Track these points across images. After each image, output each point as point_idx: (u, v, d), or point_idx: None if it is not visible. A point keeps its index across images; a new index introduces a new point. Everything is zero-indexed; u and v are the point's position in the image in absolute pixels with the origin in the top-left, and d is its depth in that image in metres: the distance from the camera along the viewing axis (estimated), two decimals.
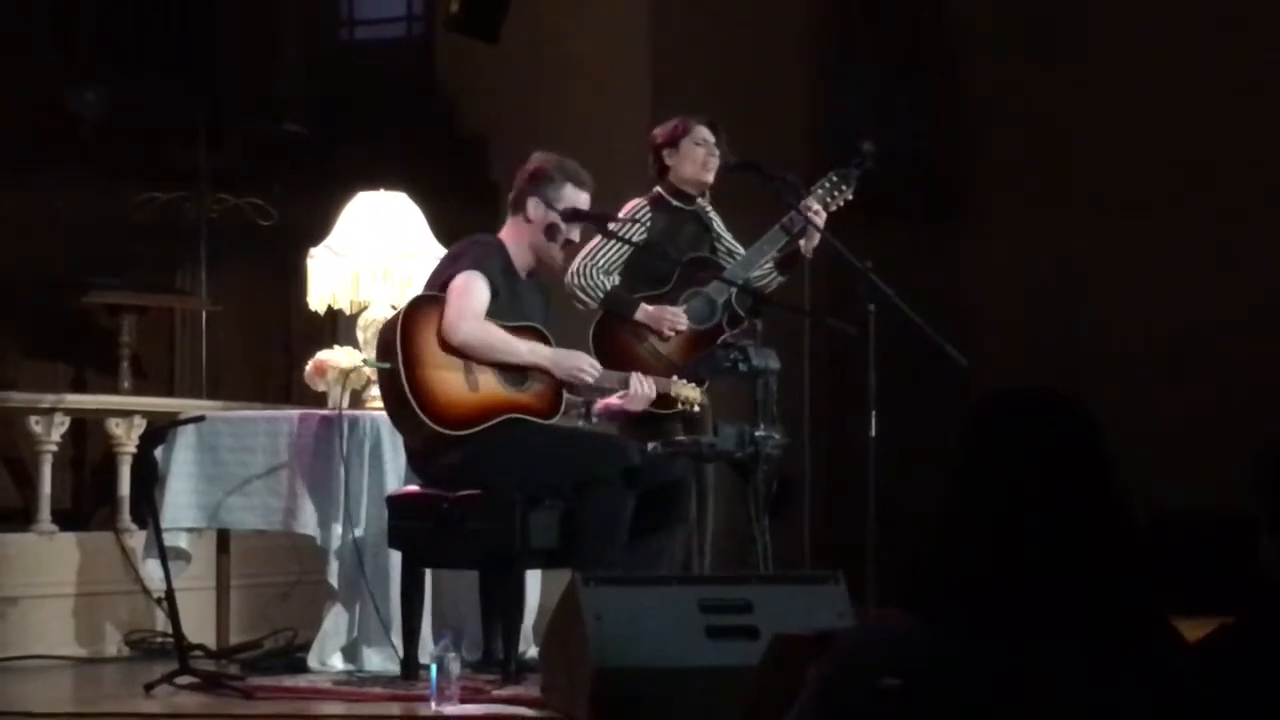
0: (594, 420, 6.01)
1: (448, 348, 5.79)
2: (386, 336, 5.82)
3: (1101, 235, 9.32)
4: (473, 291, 5.85)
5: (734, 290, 6.30)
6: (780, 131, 8.56)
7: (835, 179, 6.39)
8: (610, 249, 6.27)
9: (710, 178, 6.43)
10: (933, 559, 2.43)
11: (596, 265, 6.26)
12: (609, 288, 6.25)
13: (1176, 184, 9.15)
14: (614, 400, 5.90)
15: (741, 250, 6.45)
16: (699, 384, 6.01)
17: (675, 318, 6.30)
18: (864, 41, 10.03)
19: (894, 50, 10.07)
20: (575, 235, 6.03)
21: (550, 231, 5.95)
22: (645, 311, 6.30)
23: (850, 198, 6.39)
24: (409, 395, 5.70)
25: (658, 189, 6.44)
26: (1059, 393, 2.50)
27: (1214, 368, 8.94)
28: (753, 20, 9.43)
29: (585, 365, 5.85)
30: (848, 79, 9.95)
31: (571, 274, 6.24)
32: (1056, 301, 9.39)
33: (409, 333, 5.76)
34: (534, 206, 5.95)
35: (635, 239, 6.31)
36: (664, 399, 5.94)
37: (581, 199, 5.99)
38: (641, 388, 5.87)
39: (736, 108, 6.94)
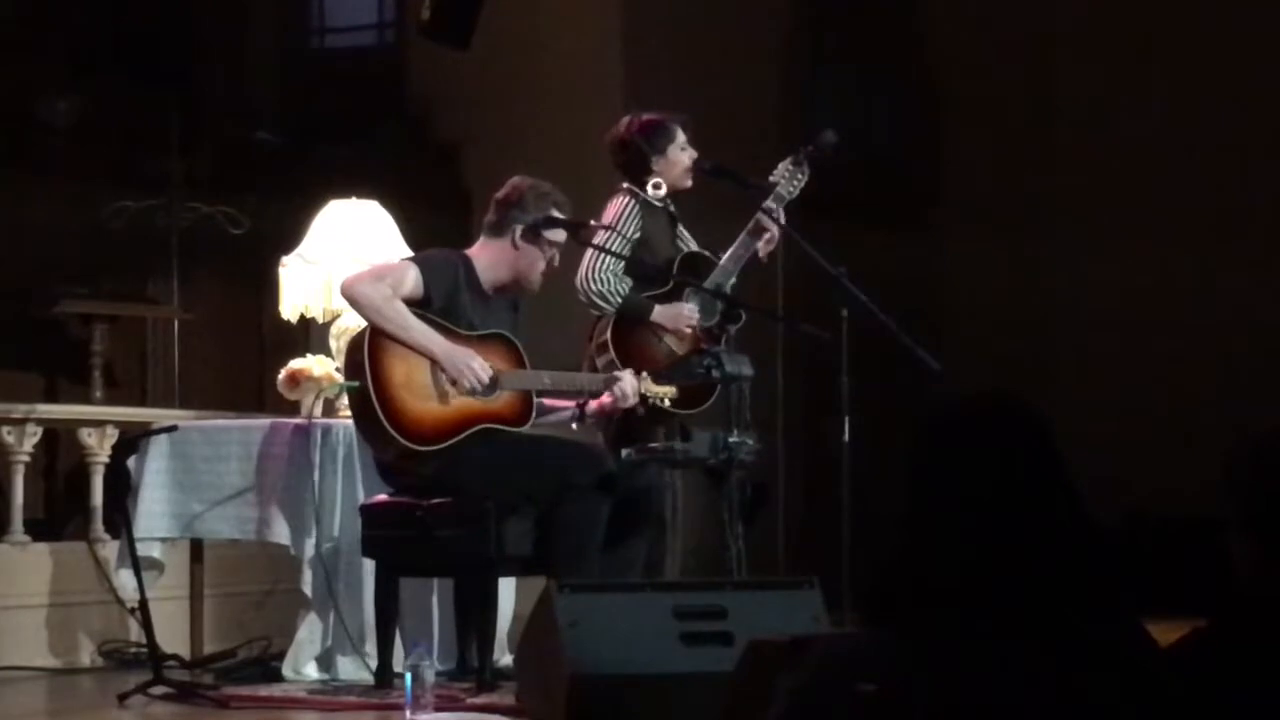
0: (588, 421, 6.00)
1: (346, 298, 5.85)
2: (354, 355, 5.80)
3: (1073, 238, 9.34)
4: (395, 267, 5.92)
5: (728, 285, 6.30)
6: (752, 136, 8.56)
7: (791, 166, 6.40)
8: (618, 250, 6.22)
9: (690, 184, 6.43)
10: (893, 571, 2.43)
11: (611, 271, 6.20)
12: (626, 292, 6.24)
13: (1148, 186, 9.18)
14: (605, 399, 5.90)
15: (696, 246, 6.43)
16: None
17: (690, 316, 6.29)
18: (836, 46, 10.05)
19: (866, 55, 10.08)
20: (556, 259, 6.02)
21: (536, 253, 5.95)
22: (660, 312, 6.27)
23: (804, 180, 6.38)
24: (379, 413, 5.69)
25: (631, 186, 6.39)
26: (1008, 394, 2.51)
27: (1185, 369, 8.97)
28: (725, 25, 9.44)
29: (475, 365, 5.79)
30: (820, 83, 9.96)
31: (585, 282, 6.17)
32: (1028, 304, 9.42)
33: (376, 350, 5.75)
34: (520, 231, 5.94)
35: (634, 238, 6.29)
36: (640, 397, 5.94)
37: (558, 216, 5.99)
38: (627, 386, 5.86)
39: (709, 112, 6.94)
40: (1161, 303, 9.06)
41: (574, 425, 6.04)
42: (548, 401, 5.99)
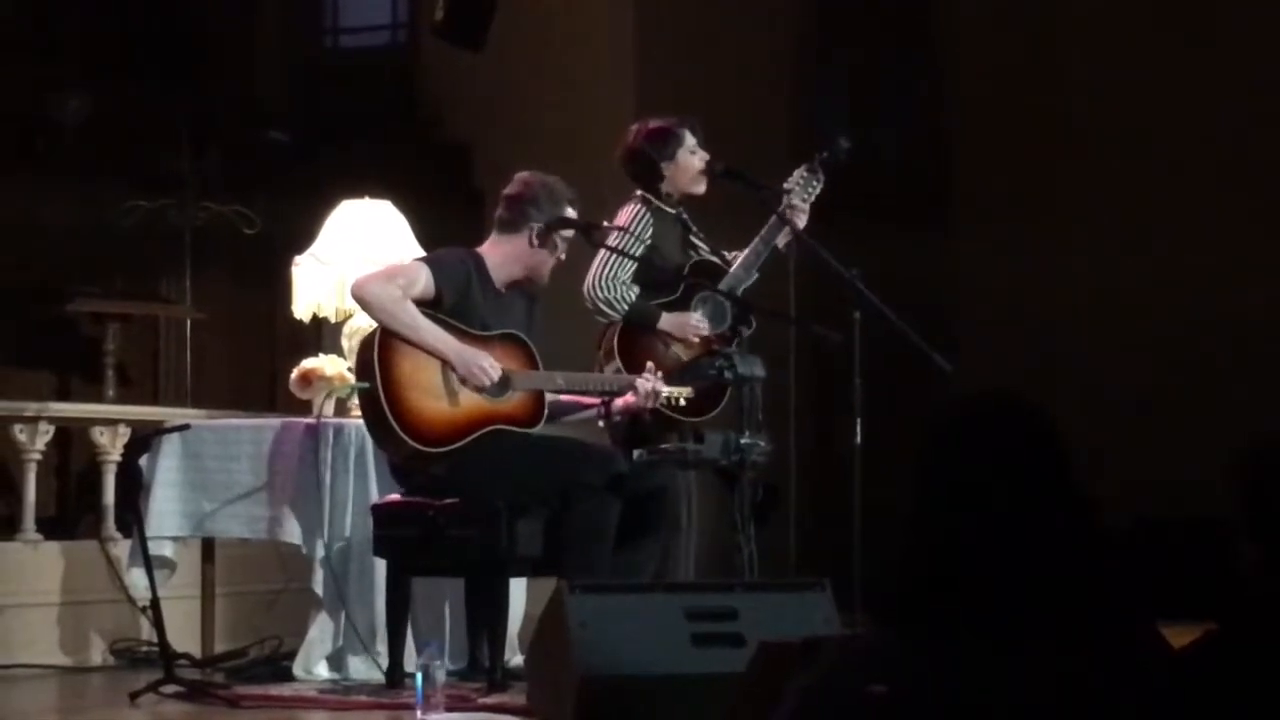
0: (615, 419, 6.01)
1: (355, 299, 5.88)
2: (364, 356, 5.81)
3: (1084, 239, 9.34)
4: (406, 268, 5.93)
5: (740, 292, 6.29)
6: (764, 138, 8.57)
7: (806, 174, 6.40)
8: (625, 260, 6.22)
9: (703, 188, 6.43)
10: (901, 572, 2.44)
11: (618, 279, 6.20)
12: (633, 299, 6.24)
13: (1159, 188, 9.17)
14: (630, 398, 5.90)
15: (707, 251, 6.43)
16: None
17: (698, 325, 6.29)
18: (846, 48, 10.04)
19: (878, 55, 10.08)
20: (564, 254, 6.04)
21: (549, 250, 5.97)
22: (669, 320, 6.27)
23: (819, 188, 6.38)
24: (389, 414, 5.69)
25: (644, 193, 6.40)
26: (1013, 395, 2.51)
27: (1194, 372, 8.96)
28: (737, 26, 9.44)
29: (486, 365, 5.80)
30: (832, 84, 9.96)
31: (593, 289, 6.17)
32: (1040, 305, 9.41)
33: (386, 351, 5.76)
34: (537, 228, 5.95)
35: (645, 243, 6.29)
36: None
37: (571, 215, 6.01)
38: (646, 385, 5.87)
39: (720, 113, 6.94)
40: (1173, 304, 9.05)
41: (600, 424, 6.05)
42: (569, 399, 6.00)
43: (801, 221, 6.34)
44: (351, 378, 6.24)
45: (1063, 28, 9.57)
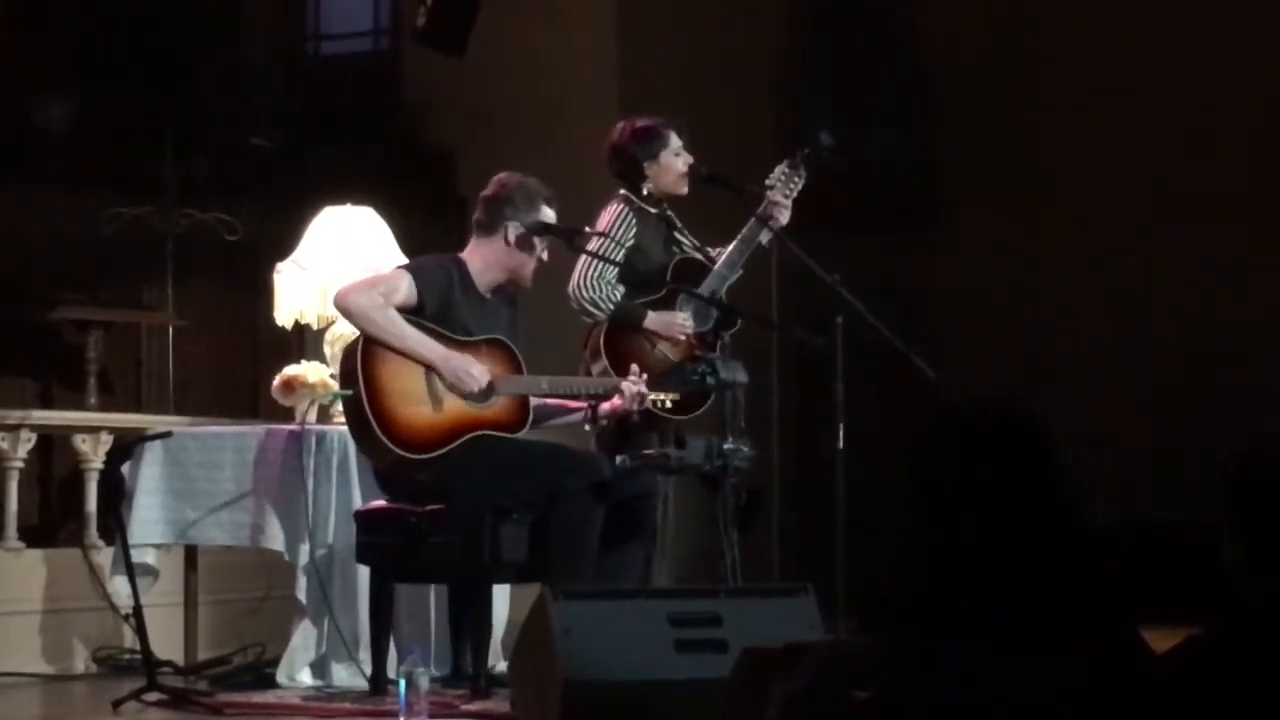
0: (601, 423, 6.00)
1: (339, 309, 5.89)
2: (347, 363, 5.81)
3: (1069, 245, 9.34)
4: (387, 276, 5.94)
5: (723, 290, 6.28)
6: (748, 144, 8.56)
7: (787, 170, 6.40)
8: (611, 257, 6.21)
9: (685, 190, 6.43)
10: (890, 577, 2.44)
11: (603, 279, 6.19)
12: (619, 299, 6.23)
13: (1144, 195, 9.18)
14: (616, 402, 5.90)
15: (692, 247, 6.42)
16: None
17: (684, 323, 6.28)
18: (831, 51, 10.04)
19: (864, 61, 10.08)
20: (545, 254, 6.03)
21: (529, 251, 5.97)
22: (654, 320, 6.26)
23: (801, 184, 6.37)
24: (372, 421, 5.69)
25: (627, 193, 6.39)
26: (1007, 400, 2.51)
27: (1181, 376, 8.97)
28: (720, 31, 9.44)
29: (474, 372, 5.81)
30: (815, 88, 9.96)
31: (578, 289, 6.17)
32: (1025, 312, 9.41)
33: (369, 359, 5.75)
34: (514, 229, 5.94)
35: (628, 245, 6.28)
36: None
37: (550, 216, 6.01)
38: (632, 388, 5.87)
39: (704, 118, 6.94)
40: (1160, 309, 9.06)
41: (586, 427, 6.05)
42: (555, 403, 5.99)
43: (784, 218, 6.33)
44: (334, 384, 6.23)
45: (1057, 28, 9.57)
